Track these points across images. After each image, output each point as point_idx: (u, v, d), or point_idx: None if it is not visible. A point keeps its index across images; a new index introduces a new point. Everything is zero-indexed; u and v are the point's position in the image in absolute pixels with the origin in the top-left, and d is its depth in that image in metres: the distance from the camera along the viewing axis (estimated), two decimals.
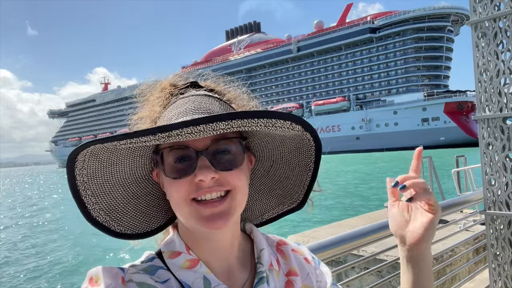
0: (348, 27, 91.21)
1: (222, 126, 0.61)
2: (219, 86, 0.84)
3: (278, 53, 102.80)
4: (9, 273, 12.15)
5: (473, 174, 8.58)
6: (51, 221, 21.90)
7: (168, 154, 0.69)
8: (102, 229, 0.76)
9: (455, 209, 3.06)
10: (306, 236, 6.33)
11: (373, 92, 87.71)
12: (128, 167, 0.74)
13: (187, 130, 0.60)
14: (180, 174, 0.68)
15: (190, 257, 0.73)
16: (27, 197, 40.59)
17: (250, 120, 0.63)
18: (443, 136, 72.34)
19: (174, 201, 0.70)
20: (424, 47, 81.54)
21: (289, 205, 0.88)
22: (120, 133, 0.61)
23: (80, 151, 0.65)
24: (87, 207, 0.72)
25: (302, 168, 0.83)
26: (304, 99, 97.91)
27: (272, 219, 0.91)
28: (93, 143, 0.63)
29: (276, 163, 0.85)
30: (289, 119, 0.68)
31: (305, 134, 0.75)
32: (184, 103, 0.74)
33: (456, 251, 4.49)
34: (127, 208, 0.78)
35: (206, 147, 0.68)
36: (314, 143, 0.78)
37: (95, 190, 0.72)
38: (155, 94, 0.80)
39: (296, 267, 0.85)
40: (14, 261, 13.65)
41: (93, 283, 0.64)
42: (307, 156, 0.81)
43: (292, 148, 0.81)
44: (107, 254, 12.90)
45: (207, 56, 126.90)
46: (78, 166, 0.67)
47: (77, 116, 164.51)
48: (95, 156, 0.68)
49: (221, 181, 0.69)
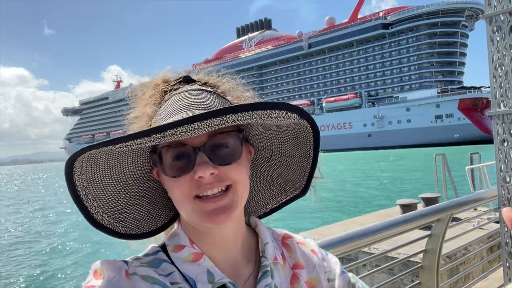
0: (360, 23, 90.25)
1: (216, 122, 0.61)
2: (212, 78, 0.83)
3: (289, 50, 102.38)
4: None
5: (487, 172, 8.43)
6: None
7: (166, 153, 0.69)
8: (106, 232, 0.75)
9: (469, 207, 3.01)
10: (317, 233, 6.32)
11: (386, 89, 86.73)
12: (127, 168, 0.74)
13: (181, 129, 0.60)
14: (180, 172, 0.68)
15: (194, 250, 0.73)
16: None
17: (245, 113, 0.62)
18: (457, 133, 71.21)
19: (177, 199, 0.71)
20: (438, 43, 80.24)
21: (292, 193, 0.87)
22: (114, 135, 0.60)
23: (76, 157, 0.65)
24: (90, 211, 0.72)
25: (302, 155, 0.82)
26: (315, 96, 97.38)
27: (277, 207, 0.91)
28: (88, 149, 0.63)
29: (276, 152, 0.85)
30: (285, 108, 0.67)
31: (301, 122, 0.74)
32: (178, 99, 0.73)
33: (469, 250, 4.42)
34: (130, 209, 0.78)
35: (203, 143, 0.68)
36: (311, 130, 0.77)
37: (96, 194, 0.72)
38: (149, 92, 0.80)
39: (302, 260, 0.84)
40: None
41: (97, 276, 0.65)
42: (305, 143, 0.80)
43: (290, 135, 0.80)
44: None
45: (218, 53, 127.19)
46: (76, 172, 0.67)
47: (90, 113, 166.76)
48: (93, 161, 0.67)
49: (221, 176, 0.69)
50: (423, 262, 2.66)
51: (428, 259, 2.62)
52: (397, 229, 2.15)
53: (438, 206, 2.63)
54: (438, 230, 2.57)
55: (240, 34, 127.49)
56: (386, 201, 16.98)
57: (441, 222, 2.55)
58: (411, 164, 37.89)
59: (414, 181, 25.02)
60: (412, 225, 2.29)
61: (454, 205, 2.65)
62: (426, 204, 7.11)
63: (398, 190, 21.87)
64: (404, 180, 26.43)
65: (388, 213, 8.31)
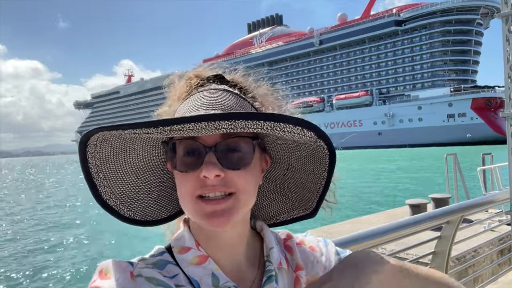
0: (373, 20, 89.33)
1: (225, 125, 0.60)
2: (245, 81, 0.81)
3: (300, 46, 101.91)
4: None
5: (499, 173, 8.31)
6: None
7: (179, 146, 0.69)
8: (111, 212, 0.76)
9: (480, 209, 2.98)
10: (325, 231, 6.31)
11: (397, 87, 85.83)
12: (142, 155, 0.75)
13: (188, 126, 0.60)
14: (188, 168, 0.68)
15: (199, 253, 0.73)
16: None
17: (255, 122, 0.61)
18: (469, 133, 70.20)
19: (181, 195, 0.71)
20: (452, 41, 79.03)
21: (303, 211, 0.86)
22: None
23: (91, 135, 0.67)
24: (98, 190, 0.74)
25: (316, 175, 0.80)
26: (326, 93, 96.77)
27: (287, 221, 0.90)
28: (100, 129, 0.65)
29: (292, 167, 0.83)
30: (300, 124, 0.65)
31: (319, 142, 0.72)
32: (201, 97, 0.73)
33: (479, 252, 4.37)
34: (139, 195, 0.79)
35: (215, 143, 0.67)
36: (328, 151, 0.74)
37: (107, 174, 0.74)
38: (181, 84, 0.80)
39: (301, 261, 0.84)
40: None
41: (102, 276, 0.65)
42: (321, 164, 0.78)
43: (308, 153, 0.78)
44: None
45: (228, 49, 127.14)
46: (90, 150, 0.70)
47: (101, 107, 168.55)
48: (107, 142, 0.69)
49: (226, 180, 0.68)
50: (432, 264, 2.64)
51: (437, 261, 2.60)
52: (406, 230, 2.13)
53: (449, 208, 2.60)
54: (448, 232, 2.55)
55: (251, 30, 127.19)
56: (396, 200, 16.86)
57: (452, 224, 2.52)
58: (419, 164, 37.54)
59: (423, 180, 24.78)
60: (422, 227, 2.27)
61: (465, 207, 2.62)
62: (436, 204, 7.03)
63: (406, 189, 21.68)
64: (413, 179, 26.19)
65: (397, 213, 8.25)
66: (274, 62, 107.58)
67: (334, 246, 0.90)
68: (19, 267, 11.48)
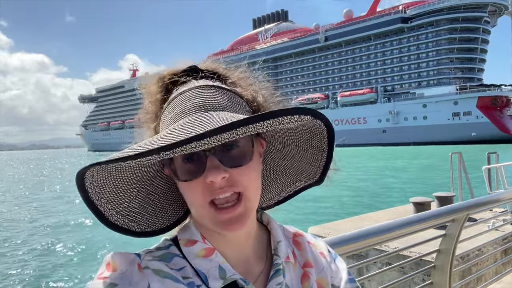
0: (379, 17, 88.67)
1: (226, 136, 0.59)
2: (220, 68, 0.80)
3: (305, 43, 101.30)
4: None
5: (505, 172, 8.24)
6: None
7: (176, 156, 0.66)
8: (123, 232, 0.75)
9: (485, 208, 2.96)
10: (327, 228, 6.30)
11: (402, 84, 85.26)
12: (138, 169, 0.73)
13: (190, 146, 0.58)
14: (191, 176, 0.67)
15: (205, 245, 0.73)
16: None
17: (256, 125, 0.60)
18: (474, 131, 69.72)
19: (191, 203, 0.70)
20: (458, 39, 78.29)
21: (306, 181, 0.86)
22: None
23: (86, 171, 0.65)
24: (104, 214, 0.72)
25: (315, 150, 0.80)
26: (330, 89, 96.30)
27: (290, 195, 0.89)
28: (97, 164, 0.63)
29: (288, 145, 0.83)
30: (297, 113, 0.64)
31: (315, 121, 0.72)
32: (186, 98, 0.70)
33: (483, 251, 4.34)
34: (144, 207, 0.78)
35: (214, 146, 0.64)
36: (325, 127, 0.75)
37: (109, 197, 0.72)
38: (154, 85, 0.77)
39: (311, 259, 0.84)
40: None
41: (109, 268, 0.65)
42: (319, 139, 0.78)
43: (304, 131, 0.78)
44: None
45: (233, 44, 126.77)
46: (87, 181, 0.68)
47: (106, 101, 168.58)
48: (103, 168, 0.67)
49: (231, 180, 0.67)
50: (436, 262, 2.62)
51: (441, 259, 2.58)
52: (411, 228, 2.12)
53: (454, 206, 2.58)
54: (453, 231, 2.53)
55: (256, 25, 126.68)
56: (398, 198, 16.82)
57: (457, 223, 2.51)
58: (423, 162, 37.39)
59: (427, 178, 24.68)
60: (427, 225, 2.26)
61: (470, 206, 2.60)
62: (440, 203, 6.99)
63: (410, 187, 21.62)
64: (417, 177, 26.10)
65: (401, 211, 8.22)
66: (279, 58, 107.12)
67: (345, 264, 0.89)
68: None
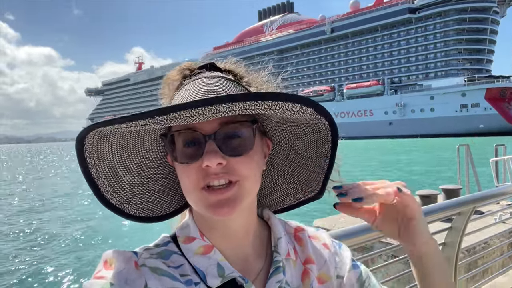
0: (386, 7, 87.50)
1: (222, 109, 0.58)
2: (238, 68, 0.80)
3: (311, 34, 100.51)
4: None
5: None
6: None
7: (177, 137, 0.67)
8: (116, 212, 0.75)
9: (492, 201, 2.94)
10: (332, 220, 6.30)
11: (409, 76, 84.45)
12: (141, 150, 0.74)
13: (185, 113, 0.58)
14: (189, 159, 0.67)
15: (204, 243, 0.72)
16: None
17: (253, 103, 0.59)
18: (482, 123, 69.04)
19: (185, 187, 0.70)
20: (467, 29, 77.12)
21: (309, 193, 0.84)
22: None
23: (85, 134, 0.65)
24: (100, 190, 0.72)
25: (319, 154, 0.79)
26: (336, 82, 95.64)
27: (294, 205, 0.88)
28: (95, 126, 0.62)
29: (294, 149, 0.82)
30: (298, 101, 0.63)
31: (319, 118, 0.70)
32: (195, 85, 0.71)
33: (490, 244, 4.32)
34: (142, 191, 0.77)
35: (214, 131, 0.65)
36: (329, 128, 0.73)
37: (107, 173, 0.72)
38: (174, 72, 0.79)
39: (313, 255, 0.82)
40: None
41: (107, 267, 0.65)
42: (323, 142, 0.77)
43: (309, 133, 0.77)
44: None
45: (239, 36, 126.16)
46: (87, 149, 0.67)
47: (112, 94, 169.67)
48: (104, 140, 0.67)
49: (228, 168, 0.66)
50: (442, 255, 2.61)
51: (447, 252, 2.58)
52: None
53: (461, 199, 2.56)
54: (459, 224, 2.52)
55: (261, 17, 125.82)
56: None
57: (463, 216, 2.49)
58: (430, 155, 37.15)
59: (433, 171, 24.55)
60: (433, 218, 2.25)
61: (477, 199, 2.58)
62: (447, 195, 6.96)
63: (416, 180, 21.52)
64: (423, 170, 25.97)
65: None
66: (284, 50, 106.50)
67: (349, 252, 0.87)
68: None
